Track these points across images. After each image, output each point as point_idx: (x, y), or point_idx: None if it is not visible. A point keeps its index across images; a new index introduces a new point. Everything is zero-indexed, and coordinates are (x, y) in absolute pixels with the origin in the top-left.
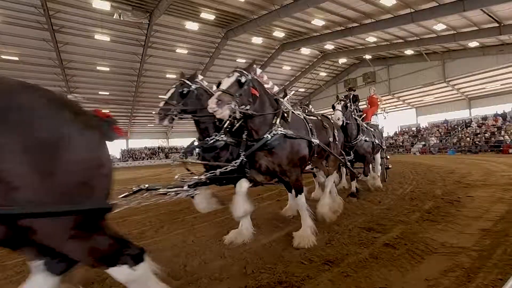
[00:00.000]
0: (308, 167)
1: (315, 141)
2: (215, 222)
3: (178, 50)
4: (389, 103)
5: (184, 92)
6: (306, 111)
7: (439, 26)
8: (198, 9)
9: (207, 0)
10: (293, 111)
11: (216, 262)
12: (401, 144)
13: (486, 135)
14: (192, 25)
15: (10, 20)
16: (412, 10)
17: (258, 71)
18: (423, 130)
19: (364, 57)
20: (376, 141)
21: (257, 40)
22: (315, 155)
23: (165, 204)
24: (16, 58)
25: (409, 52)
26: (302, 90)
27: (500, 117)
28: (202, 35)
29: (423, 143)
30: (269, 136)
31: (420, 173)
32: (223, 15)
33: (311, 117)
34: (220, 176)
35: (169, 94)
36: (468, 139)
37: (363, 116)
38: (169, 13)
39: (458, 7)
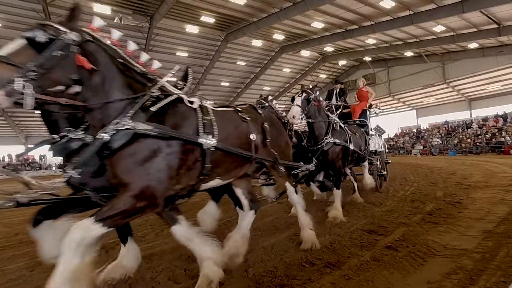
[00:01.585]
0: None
1: (206, 141)
2: (214, 225)
3: (179, 53)
4: (389, 104)
5: None
6: (262, 105)
7: (439, 28)
8: (198, 12)
9: (207, 4)
10: (174, 96)
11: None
12: (401, 145)
13: (487, 136)
14: (192, 29)
15: (11, 25)
16: (412, 12)
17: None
18: (423, 131)
19: (364, 59)
20: (352, 146)
21: (257, 42)
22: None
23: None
24: None
25: (409, 53)
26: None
27: (501, 118)
28: (202, 38)
29: (425, 144)
30: (104, 135)
31: (421, 174)
32: (223, 18)
33: (221, 108)
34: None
35: None
36: (469, 140)
37: (357, 112)
38: (170, 16)
39: (457, 8)
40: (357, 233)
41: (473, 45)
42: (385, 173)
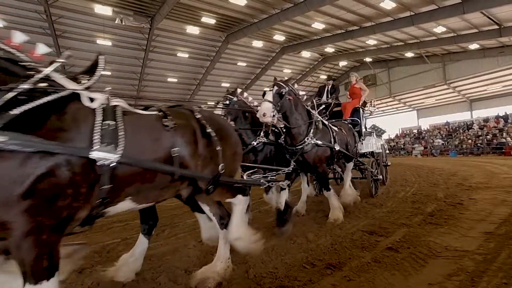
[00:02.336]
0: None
1: (101, 154)
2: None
3: (179, 54)
4: (390, 105)
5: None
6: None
7: (439, 29)
8: (199, 13)
9: (208, 5)
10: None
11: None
12: (402, 146)
13: (488, 137)
14: (193, 29)
15: (13, 26)
16: (412, 13)
17: None
18: (424, 132)
19: (364, 59)
20: (338, 147)
21: (257, 43)
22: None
23: (166, 208)
24: None
25: (409, 54)
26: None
27: (502, 119)
28: (203, 39)
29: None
30: None
31: (422, 175)
32: (223, 19)
33: (137, 111)
34: None
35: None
36: (469, 141)
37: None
38: (170, 17)
39: (458, 9)
40: (358, 234)
41: (473, 46)
42: (380, 177)
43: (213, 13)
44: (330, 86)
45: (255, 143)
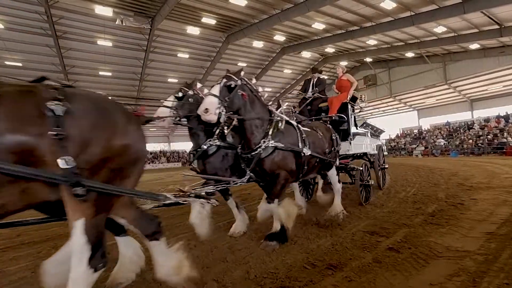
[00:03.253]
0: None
1: None
2: (217, 226)
3: (180, 55)
4: (391, 105)
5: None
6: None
7: (440, 29)
8: (199, 14)
9: (208, 5)
10: None
11: (219, 267)
12: (403, 146)
13: (489, 137)
14: (193, 30)
15: (13, 27)
16: (412, 13)
17: None
18: (425, 132)
19: (365, 60)
20: (308, 151)
21: (258, 44)
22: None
23: (166, 209)
24: (20, 64)
25: (410, 54)
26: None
27: (503, 119)
28: (203, 39)
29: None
30: None
31: (422, 175)
32: (224, 19)
33: None
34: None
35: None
36: (470, 141)
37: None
38: (171, 18)
39: (458, 9)
40: (358, 235)
41: (474, 45)
42: (372, 182)
43: (214, 13)
44: (316, 79)
45: (205, 146)
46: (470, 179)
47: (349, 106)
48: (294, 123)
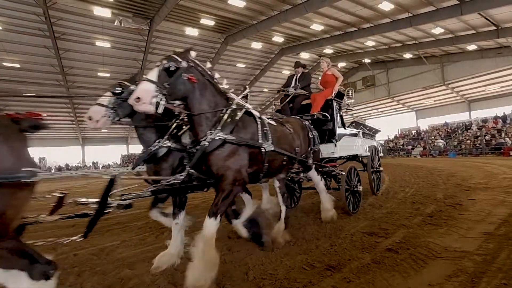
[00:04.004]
0: None
1: None
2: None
3: None
4: (389, 106)
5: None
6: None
7: (437, 30)
8: (198, 15)
9: (207, 6)
10: None
11: (218, 268)
12: (401, 147)
13: (487, 137)
14: (192, 31)
15: (12, 28)
16: (410, 14)
17: None
18: (423, 133)
19: (363, 61)
20: (269, 146)
21: (256, 45)
22: None
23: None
24: (18, 65)
25: (408, 55)
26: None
27: (500, 119)
28: (202, 40)
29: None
30: None
31: (421, 176)
32: (222, 20)
33: None
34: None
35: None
36: (468, 141)
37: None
38: (169, 19)
39: (456, 11)
40: (357, 236)
41: (471, 47)
42: (361, 188)
43: (212, 14)
44: (299, 74)
45: (153, 149)
46: (468, 180)
47: (334, 104)
48: (257, 113)
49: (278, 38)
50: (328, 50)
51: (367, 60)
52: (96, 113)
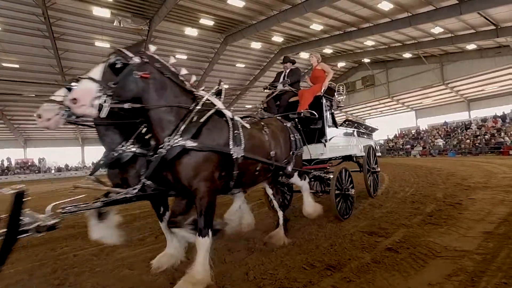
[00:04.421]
0: None
1: None
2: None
3: (178, 56)
4: (389, 106)
5: None
6: None
7: (437, 30)
8: (197, 15)
9: (206, 6)
10: None
11: (218, 268)
12: (401, 146)
13: (486, 137)
14: (191, 31)
15: (11, 28)
16: (410, 14)
17: None
18: (423, 132)
19: (362, 60)
20: (240, 152)
21: (256, 45)
22: None
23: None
24: (17, 66)
25: (407, 55)
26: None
27: (500, 119)
28: (201, 40)
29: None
30: None
31: (420, 175)
32: (222, 20)
33: None
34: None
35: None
36: (468, 141)
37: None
38: (169, 19)
39: (455, 10)
40: (357, 235)
41: (471, 46)
42: (352, 192)
43: (212, 14)
44: (288, 71)
45: (115, 154)
46: (468, 179)
47: (324, 101)
48: (229, 114)
49: (277, 38)
50: (328, 50)
51: (366, 60)
52: (47, 111)
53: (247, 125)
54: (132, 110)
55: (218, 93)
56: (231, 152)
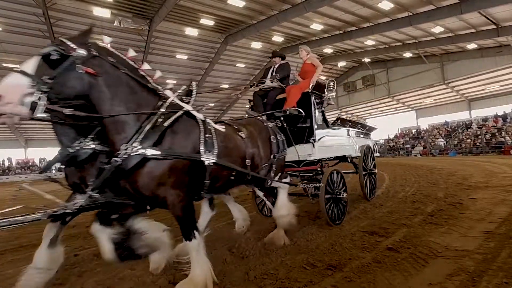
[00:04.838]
0: None
1: None
2: (215, 227)
3: (178, 56)
4: (389, 105)
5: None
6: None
7: (437, 29)
8: (198, 15)
9: (207, 6)
10: None
11: (218, 268)
12: (401, 146)
13: (487, 136)
14: (191, 31)
15: (11, 29)
16: (410, 14)
17: None
18: (423, 132)
19: (363, 60)
20: (211, 158)
21: (256, 45)
22: None
23: (165, 211)
24: (17, 66)
25: (408, 54)
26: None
27: (500, 118)
28: (201, 40)
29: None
30: None
31: (421, 175)
32: (222, 20)
33: None
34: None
35: None
36: (468, 140)
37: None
38: (169, 19)
39: (456, 10)
40: (358, 235)
41: (471, 45)
42: (345, 195)
43: (212, 14)
44: (276, 66)
45: (71, 150)
46: (468, 179)
47: (313, 98)
48: (200, 116)
49: (277, 38)
50: (328, 50)
51: (367, 60)
52: None
53: (222, 128)
54: (80, 108)
55: (188, 94)
56: (202, 159)
